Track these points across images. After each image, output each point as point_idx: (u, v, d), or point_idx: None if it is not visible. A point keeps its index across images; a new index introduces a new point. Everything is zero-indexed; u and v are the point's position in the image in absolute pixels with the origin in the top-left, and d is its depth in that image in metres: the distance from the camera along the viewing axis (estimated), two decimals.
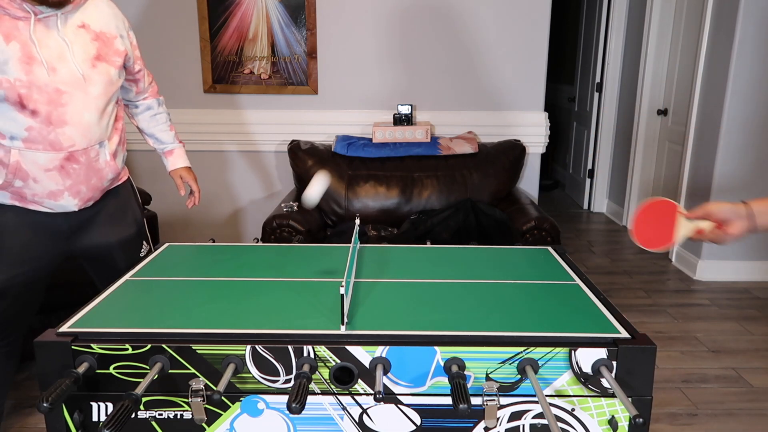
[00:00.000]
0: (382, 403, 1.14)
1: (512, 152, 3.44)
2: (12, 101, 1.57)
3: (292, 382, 1.12)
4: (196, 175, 2.18)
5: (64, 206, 1.74)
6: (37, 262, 1.76)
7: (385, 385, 1.13)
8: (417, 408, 1.14)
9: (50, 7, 1.56)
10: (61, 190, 1.70)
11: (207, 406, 1.14)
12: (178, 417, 1.15)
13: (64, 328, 1.18)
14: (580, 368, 1.12)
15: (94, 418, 1.15)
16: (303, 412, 1.03)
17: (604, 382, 1.12)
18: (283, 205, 3.10)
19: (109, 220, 1.87)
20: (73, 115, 1.65)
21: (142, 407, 1.15)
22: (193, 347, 1.12)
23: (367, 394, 1.14)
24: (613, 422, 1.14)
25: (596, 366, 1.11)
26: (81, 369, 1.09)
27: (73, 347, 1.11)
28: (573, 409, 1.14)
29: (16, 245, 1.73)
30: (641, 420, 0.95)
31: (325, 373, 1.12)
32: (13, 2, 1.53)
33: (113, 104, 1.79)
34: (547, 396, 1.13)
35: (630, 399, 1.06)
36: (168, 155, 2.10)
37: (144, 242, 1.99)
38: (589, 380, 1.12)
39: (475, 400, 1.11)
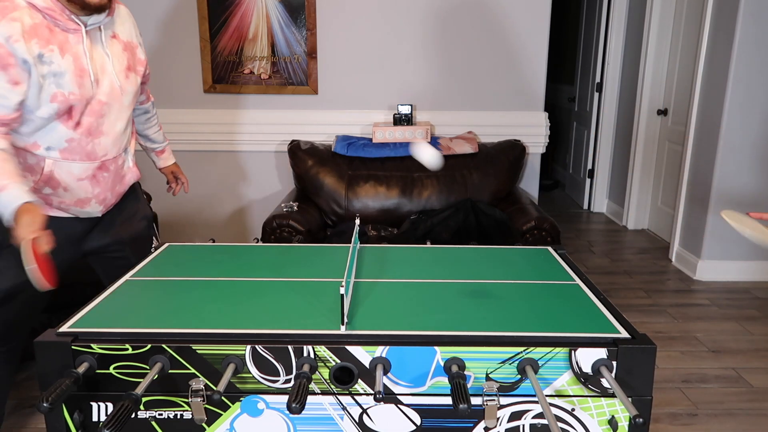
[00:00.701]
0: (382, 403, 1.14)
1: (512, 152, 3.44)
2: (61, 113, 1.57)
3: (292, 382, 1.12)
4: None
5: (90, 212, 1.77)
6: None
7: (385, 385, 1.13)
8: (417, 408, 1.14)
9: (93, 13, 1.56)
10: (89, 198, 1.73)
11: (207, 406, 1.14)
12: (178, 417, 1.15)
13: (64, 328, 1.18)
14: (580, 368, 1.12)
15: (94, 418, 1.15)
16: (303, 412, 1.03)
17: (604, 382, 1.12)
18: (283, 205, 3.10)
19: (123, 219, 1.90)
20: (108, 126, 1.68)
21: (142, 407, 1.15)
22: (193, 347, 1.12)
23: (367, 394, 1.14)
24: (613, 422, 1.14)
25: (596, 366, 1.11)
26: (81, 369, 1.09)
27: (73, 347, 1.11)
28: (573, 409, 1.14)
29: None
30: (641, 420, 0.95)
31: (325, 373, 1.12)
32: (64, 14, 1.52)
33: (133, 111, 1.85)
34: (547, 396, 1.13)
35: (630, 399, 1.06)
36: (159, 154, 2.15)
37: (153, 237, 2.03)
38: (589, 380, 1.12)
39: (475, 400, 1.11)
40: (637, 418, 0.95)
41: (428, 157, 1.43)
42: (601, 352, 1.11)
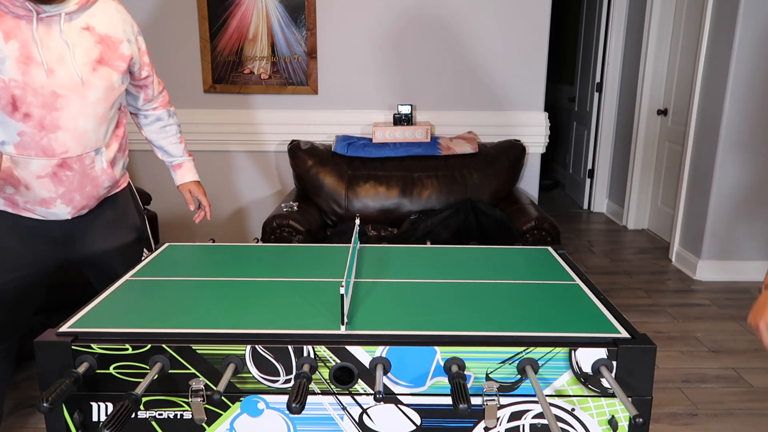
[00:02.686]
0: (382, 403, 1.14)
1: (512, 152, 3.44)
2: (4, 103, 1.51)
3: (292, 382, 1.12)
4: (199, 176, 2.13)
5: (57, 214, 1.69)
6: (30, 268, 1.72)
7: (385, 385, 1.13)
8: (417, 408, 1.14)
9: (50, 4, 1.50)
10: (54, 197, 1.65)
11: (207, 406, 1.14)
12: (178, 417, 1.15)
13: (64, 328, 1.18)
14: (580, 368, 1.12)
15: (94, 418, 1.15)
16: (303, 412, 1.03)
17: (604, 382, 1.12)
18: (283, 205, 3.10)
19: (107, 226, 1.82)
20: (67, 120, 1.58)
21: (142, 407, 1.15)
22: (193, 347, 1.11)
23: (367, 394, 1.14)
24: (613, 422, 1.14)
25: (596, 366, 1.11)
26: (81, 369, 1.09)
27: (73, 347, 1.11)
28: (573, 409, 1.14)
29: (9, 251, 1.68)
30: (641, 420, 0.95)
31: (325, 373, 1.12)
32: (14, 0, 1.46)
33: (114, 110, 1.72)
34: (547, 396, 1.13)
35: (630, 399, 1.06)
36: (176, 169, 2.03)
37: (145, 249, 1.95)
38: (589, 380, 1.12)
39: (475, 400, 1.11)
40: (637, 418, 0.95)
41: None
42: (601, 352, 1.11)
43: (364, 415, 1.15)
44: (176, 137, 2.02)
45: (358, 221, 1.71)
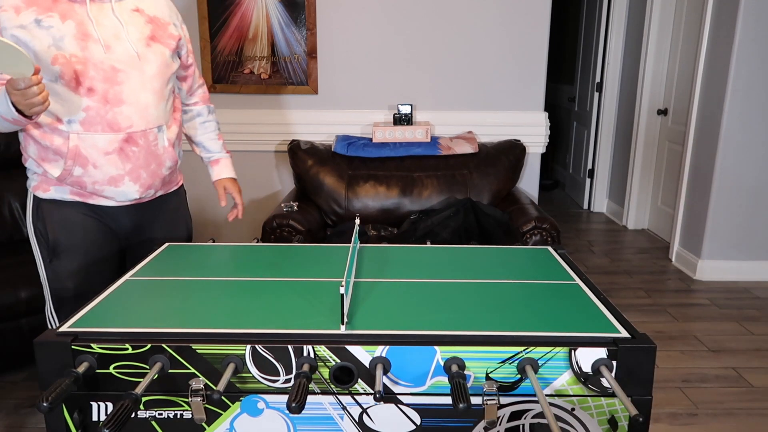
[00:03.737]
0: (382, 402, 1.14)
1: (512, 152, 3.44)
2: (68, 78, 1.58)
3: (292, 382, 1.12)
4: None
5: (125, 192, 1.73)
6: (97, 255, 1.77)
7: (385, 385, 1.13)
8: (417, 408, 1.14)
9: None
10: (122, 174, 1.69)
11: (207, 405, 1.14)
12: (178, 417, 1.15)
13: (64, 328, 1.18)
14: (580, 368, 1.12)
15: (94, 418, 1.15)
16: (303, 411, 1.03)
17: (604, 382, 1.12)
18: (283, 205, 3.10)
19: (166, 221, 1.89)
20: (129, 94, 1.65)
21: (142, 407, 1.15)
22: (193, 347, 1.12)
23: (367, 394, 1.14)
24: (613, 422, 1.14)
25: (596, 366, 1.11)
26: (81, 369, 1.09)
27: (73, 347, 1.11)
28: (573, 409, 1.14)
29: (85, 243, 1.74)
30: (641, 419, 0.95)
31: (325, 372, 1.12)
32: None
33: (170, 88, 1.78)
34: (547, 396, 1.13)
35: (630, 398, 1.06)
36: (214, 164, 2.06)
37: None
38: (589, 380, 1.12)
39: (475, 400, 1.11)
40: (638, 417, 0.96)
41: None
42: (601, 352, 1.11)
43: (364, 415, 1.15)
44: (215, 133, 2.06)
45: (358, 221, 1.71)
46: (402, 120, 3.46)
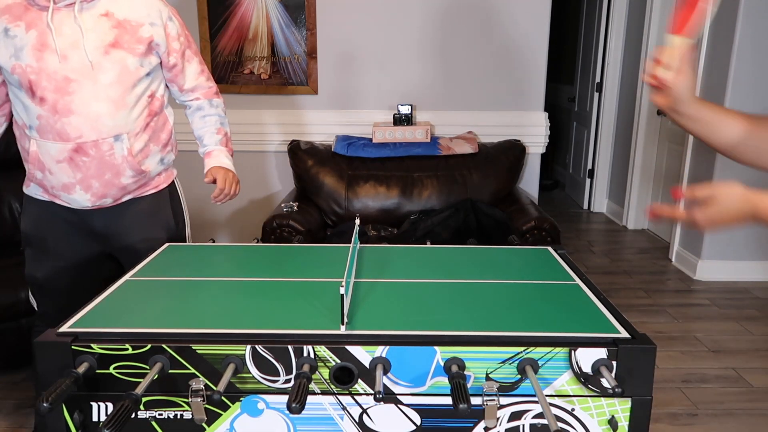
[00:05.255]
0: (382, 403, 1.14)
1: (512, 152, 3.44)
2: (24, 88, 1.61)
3: (292, 382, 1.12)
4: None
5: (78, 201, 1.73)
6: (70, 259, 1.81)
7: (385, 385, 1.13)
8: (417, 408, 1.14)
9: None
10: (73, 183, 1.70)
11: (207, 406, 1.14)
12: (178, 417, 1.15)
13: (64, 328, 1.18)
14: (580, 368, 1.12)
15: (94, 418, 1.15)
16: (303, 412, 1.03)
17: (604, 382, 1.12)
18: (283, 205, 3.10)
19: (138, 223, 1.84)
20: (79, 104, 1.63)
21: (142, 407, 1.15)
22: (193, 347, 1.11)
23: (367, 394, 1.14)
24: (613, 422, 1.14)
25: (596, 366, 1.11)
26: (81, 369, 1.09)
27: (73, 347, 1.11)
28: (573, 409, 1.14)
29: (47, 241, 1.79)
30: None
31: (325, 373, 1.12)
32: None
33: (138, 95, 1.71)
34: (547, 396, 1.13)
35: (630, 398, 1.05)
36: (206, 157, 1.97)
37: None
38: (589, 380, 1.12)
39: (475, 400, 1.11)
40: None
41: None
42: (601, 352, 1.11)
43: (364, 415, 1.15)
44: (215, 127, 1.97)
45: (358, 221, 1.71)
46: (402, 120, 3.46)
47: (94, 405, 1.15)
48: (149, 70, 1.74)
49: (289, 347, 1.12)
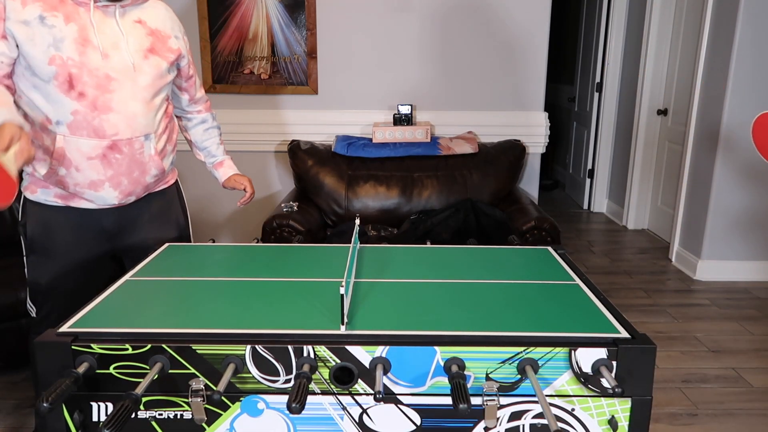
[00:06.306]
0: (382, 403, 1.14)
1: (512, 152, 3.44)
2: (61, 80, 1.60)
3: (292, 382, 1.12)
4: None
5: (104, 198, 1.75)
6: (83, 260, 1.81)
7: (385, 385, 1.13)
8: (417, 408, 1.14)
9: None
10: (102, 180, 1.71)
11: (207, 406, 1.14)
12: (178, 417, 1.15)
13: (64, 328, 1.18)
14: (580, 368, 1.12)
15: (94, 418, 1.15)
16: (303, 412, 1.03)
17: (604, 382, 1.12)
18: (283, 205, 3.10)
19: (152, 219, 1.89)
20: (119, 102, 1.67)
21: (142, 407, 1.15)
22: (193, 347, 1.12)
23: (367, 394, 1.14)
24: (613, 422, 1.14)
25: (596, 366, 1.11)
26: (81, 369, 1.09)
27: (73, 347, 1.11)
28: (573, 409, 1.14)
29: (61, 246, 1.77)
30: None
31: (325, 373, 1.12)
32: None
33: (162, 98, 1.80)
34: (547, 396, 1.13)
35: (630, 398, 1.05)
36: (218, 167, 2.12)
37: None
38: (589, 380, 1.12)
39: (475, 400, 1.11)
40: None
41: None
42: (601, 352, 1.11)
43: (364, 415, 1.15)
44: (218, 138, 2.13)
45: (358, 221, 1.71)
46: (402, 120, 3.46)
47: (94, 405, 1.15)
48: (171, 78, 1.85)
49: (289, 347, 1.12)
